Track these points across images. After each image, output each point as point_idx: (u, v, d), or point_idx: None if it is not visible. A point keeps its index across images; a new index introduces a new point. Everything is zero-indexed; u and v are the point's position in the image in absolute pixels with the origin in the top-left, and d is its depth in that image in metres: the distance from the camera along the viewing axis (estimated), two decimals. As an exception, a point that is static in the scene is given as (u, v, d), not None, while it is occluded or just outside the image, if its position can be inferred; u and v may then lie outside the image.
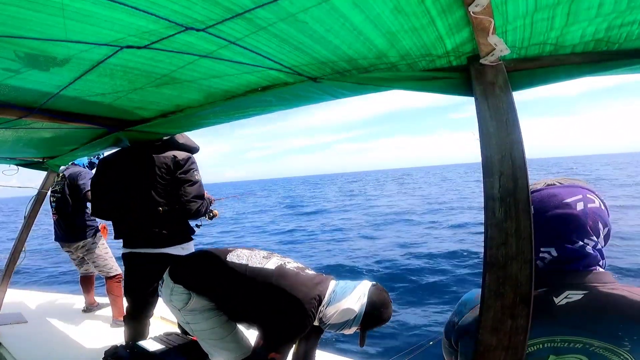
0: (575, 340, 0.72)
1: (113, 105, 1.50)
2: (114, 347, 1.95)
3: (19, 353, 2.42)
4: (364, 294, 1.52)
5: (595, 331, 0.71)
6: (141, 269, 2.16)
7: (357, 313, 1.48)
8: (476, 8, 0.67)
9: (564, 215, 0.78)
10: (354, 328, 1.52)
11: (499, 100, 0.81)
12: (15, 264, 2.85)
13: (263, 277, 1.53)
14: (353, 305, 1.48)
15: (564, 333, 0.73)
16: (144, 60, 1.02)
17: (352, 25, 0.80)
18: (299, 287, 1.49)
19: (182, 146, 2.15)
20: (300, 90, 1.22)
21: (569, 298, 0.75)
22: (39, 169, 2.78)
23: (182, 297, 1.58)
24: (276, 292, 1.48)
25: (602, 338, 0.70)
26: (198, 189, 2.09)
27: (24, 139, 1.99)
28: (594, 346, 0.71)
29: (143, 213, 2.06)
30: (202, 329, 1.59)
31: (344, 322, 1.49)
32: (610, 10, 0.71)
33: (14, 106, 1.40)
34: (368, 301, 1.50)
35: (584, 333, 0.72)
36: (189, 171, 2.08)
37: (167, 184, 2.05)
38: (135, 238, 2.13)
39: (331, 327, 1.53)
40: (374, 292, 1.54)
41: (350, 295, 1.51)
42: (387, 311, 1.54)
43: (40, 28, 0.79)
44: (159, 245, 2.09)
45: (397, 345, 3.88)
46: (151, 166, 2.03)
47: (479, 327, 0.78)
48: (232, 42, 0.88)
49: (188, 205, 2.04)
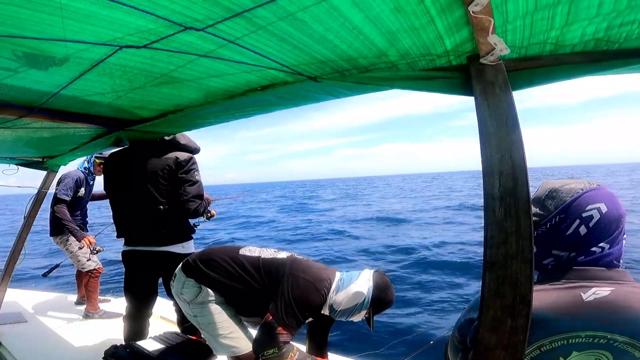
0: (600, 336, 0.74)
1: (113, 105, 1.50)
2: (114, 347, 1.95)
3: (19, 353, 2.42)
4: (369, 279, 1.63)
5: (621, 327, 0.72)
6: (141, 266, 2.19)
7: (366, 296, 1.57)
8: (476, 7, 0.67)
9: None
10: (363, 312, 1.60)
11: (498, 100, 0.81)
12: (15, 264, 2.85)
13: (277, 265, 1.63)
14: (362, 288, 1.58)
15: (590, 328, 0.75)
16: (143, 59, 1.01)
17: (351, 25, 0.80)
18: (311, 269, 1.61)
19: (183, 147, 2.19)
20: (300, 90, 1.22)
21: (597, 294, 0.76)
22: (39, 169, 2.78)
23: (193, 290, 1.61)
24: (291, 275, 1.57)
25: (627, 333, 0.72)
26: (197, 189, 2.13)
27: (24, 139, 1.99)
28: (617, 341, 0.72)
29: (145, 211, 2.09)
30: (209, 322, 1.60)
31: (353, 307, 1.58)
32: (610, 10, 0.70)
33: (14, 106, 1.40)
34: (374, 284, 1.61)
35: (610, 328, 0.73)
36: (189, 171, 2.12)
37: (169, 183, 2.08)
38: (136, 236, 2.16)
39: (342, 314, 1.61)
40: (377, 276, 1.66)
41: (357, 280, 1.62)
42: (391, 293, 1.65)
43: (39, 27, 0.79)
44: (160, 244, 2.12)
45: (397, 345, 3.88)
46: (154, 166, 2.08)
47: (478, 326, 0.78)
48: (232, 42, 0.88)
49: (187, 204, 2.08)
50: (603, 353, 0.74)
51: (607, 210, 0.80)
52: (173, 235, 2.14)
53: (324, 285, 1.57)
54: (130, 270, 2.24)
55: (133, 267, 2.22)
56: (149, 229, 2.10)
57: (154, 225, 2.10)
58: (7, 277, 2.86)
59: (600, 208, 0.80)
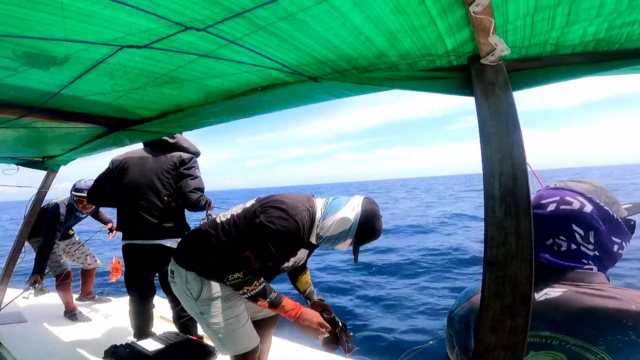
0: (552, 337, 0.74)
1: (113, 105, 1.50)
2: (114, 347, 1.95)
3: (19, 352, 2.42)
4: (357, 204, 1.56)
5: (570, 329, 0.72)
6: (137, 260, 2.35)
7: (353, 222, 1.52)
8: (476, 8, 0.67)
9: (535, 215, 0.80)
10: (349, 240, 1.55)
11: (499, 100, 0.81)
12: (15, 264, 2.85)
13: (248, 209, 1.60)
14: (349, 214, 1.53)
15: (540, 328, 0.75)
16: (144, 59, 1.02)
17: (352, 25, 0.80)
18: (282, 201, 1.55)
19: (186, 149, 2.44)
20: (300, 90, 1.22)
21: (548, 295, 0.77)
22: (39, 169, 2.78)
23: (197, 284, 1.57)
24: (260, 210, 1.54)
25: (577, 336, 0.71)
26: (199, 182, 2.36)
27: (24, 139, 1.99)
28: (569, 344, 0.72)
29: (147, 204, 2.29)
30: (217, 320, 1.57)
31: (339, 233, 1.53)
32: (611, 10, 0.70)
33: (14, 105, 1.40)
34: (362, 210, 1.54)
35: (559, 330, 0.73)
36: (191, 168, 2.36)
37: (172, 177, 2.33)
38: (133, 229, 2.32)
39: (327, 241, 1.57)
40: (366, 203, 1.58)
41: (345, 206, 1.56)
42: (379, 222, 1.58)
43: (40, 27, 0.79)
44: (154, 237, 2.28)
45: (397, 344, 3.88)
46: (160, 163, 2.33)
47: (478, 326, 0.78)
48: (232, 42, 0.88)
49: (189, 195, 2.30)
50: (557, 355, 0.73)
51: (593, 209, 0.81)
52: (167, 230, 2.30)
53: (298, 212, 1.50)
54: (129, 265, 2.40)
55: (130, 261, 2.38)
56: (147, 222, 2.27)
57: (152, 219, 2.27)
58: (7, 277, 2.86)
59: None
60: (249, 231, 1.53)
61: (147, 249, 2.29)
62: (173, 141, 2.38)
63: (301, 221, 1.50)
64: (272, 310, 1.57)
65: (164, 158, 2.34)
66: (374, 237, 1.58)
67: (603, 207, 0.81)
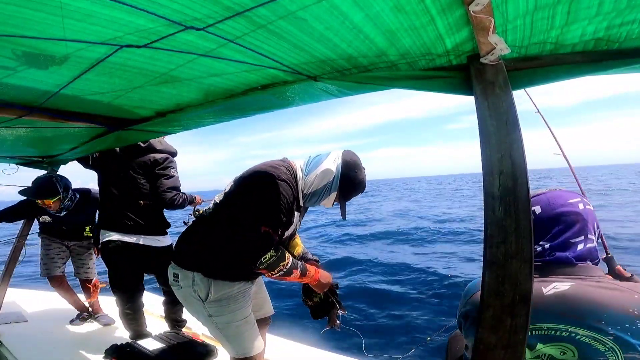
0: (562, 329, 0.77)
1: (113, 104, 1.49)
2: (114, 346, 1.95)
3: (19, 352, 2.42)
4: (337, 156, 1.55)
5: (580, 320, 0.75)
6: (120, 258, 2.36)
7: (335, 174, 1.51)
8: (476, 7, 0.67)
9: (570, 212, 0.87)
10: (333, 194, 1.53)
11: (498, 100, 0.81)
12: (15, 263, 2.85)
13: (230, 192, 1.56)
14: (330, 165, 1.52)
15: (550, 321, 0.78)
16: (143, 59, 1.01)
17: (351, 24, 0.80)
18: (262, 167, 1.51)
19: (160, 151, 2.46)
20: (300, 89, 1.22)
21: (557, 288, 0.81)
22: (39, 168, 2.78)
23: (204, 285, 1.50)
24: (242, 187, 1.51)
25: (587, 327, 0.74)
26: (174, 181, 2.41)
27: (24, 138, 1.99)
28: (579, 334, 0.75)
29: (123, 203, 2.36)
30: (227, 322, 1.52)
31: (323, 186, 1.51)
32: (610, 9, 0.70)
33: (14, 105, 1.40)
34: (342, 162, 1.53)
35: (569, 321, 0.76)
36: (166, 168, 2.41)
37: (146, 179, 2.39)
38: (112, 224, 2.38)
39: (312, 197, 1.55)
40: (346, 154, 1.57)
41: (325, 160, 1.55)
42: (361, 173, 1.56)
43: (39, 27, 0.79)
44: (134, 232, 2.35)
45: (397, 343, 3.89)
46: (133, 166, 2.38)
47: (478, 325, 0.78)
48: (232, 41, 0.88)
49: (163, 194, 2.35)
50: (566, 346, 0.76)
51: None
52: (147, 226, 2.37)
53: (281, 172, 1.46)
54: (111, 264, 2.41)
55: (113, 259, 2.39)
56: (126, 218, 2.35)
57: (131, 215, 2.35)
58: (7, 277, 2.86)
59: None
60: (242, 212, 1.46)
61: (125, 245, 2.33)
62: (145, 145, 2.42)
63: (287, 179, 1.47)
64: (299, 280, 1.53)
65: (137, 161, 2.39)
66: (358, 189, 1.56)
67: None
